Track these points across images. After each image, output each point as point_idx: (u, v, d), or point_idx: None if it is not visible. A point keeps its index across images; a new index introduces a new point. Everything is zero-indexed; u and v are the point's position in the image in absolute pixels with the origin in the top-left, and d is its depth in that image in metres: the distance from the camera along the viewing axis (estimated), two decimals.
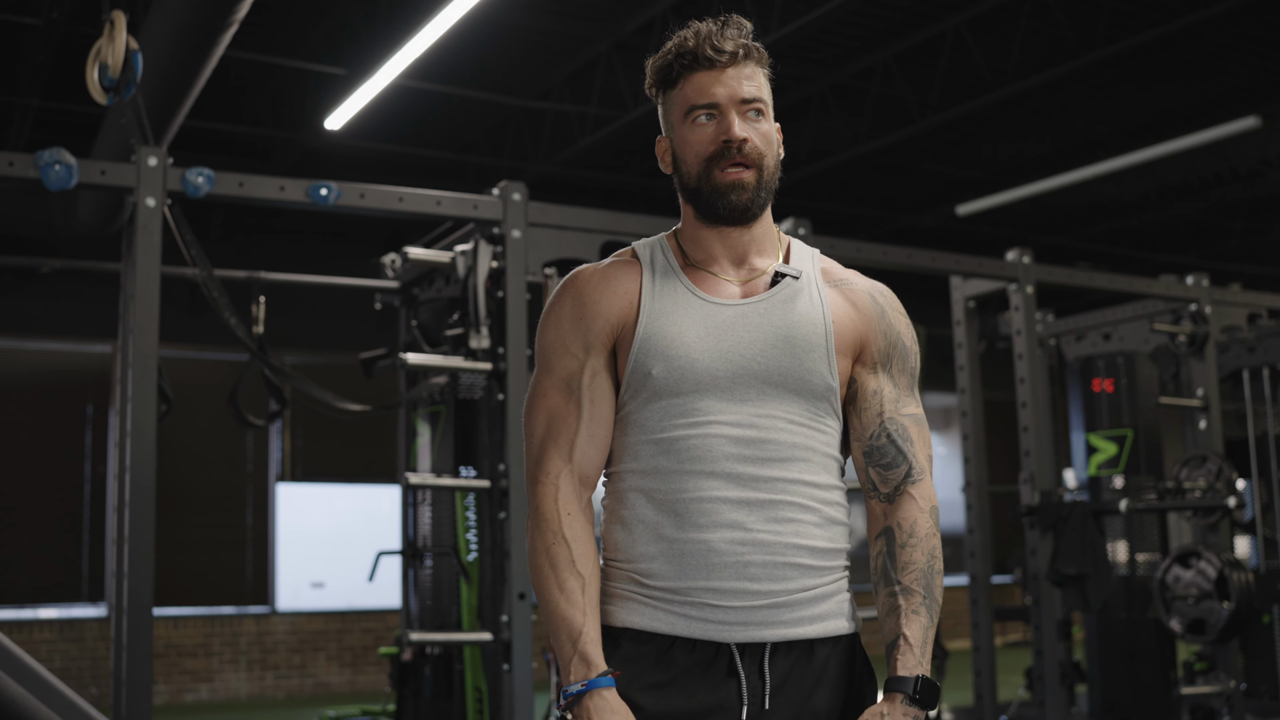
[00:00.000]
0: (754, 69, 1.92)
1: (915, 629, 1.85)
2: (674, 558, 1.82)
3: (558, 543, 1.84)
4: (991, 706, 5.69)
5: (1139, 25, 7.68)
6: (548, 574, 1.84)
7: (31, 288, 9.95)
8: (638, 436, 1.88)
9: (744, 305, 1.90)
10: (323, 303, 10.10)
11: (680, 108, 1.93)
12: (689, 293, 1.91)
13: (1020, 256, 5.76)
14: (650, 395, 1.87)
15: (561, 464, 1.88)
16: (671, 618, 1.82)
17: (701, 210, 1.93)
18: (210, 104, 8.00)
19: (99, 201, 6.83)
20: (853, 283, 2.01)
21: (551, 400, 1.91)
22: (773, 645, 1.82)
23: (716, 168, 1.88)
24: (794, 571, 1.83)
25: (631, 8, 7.76)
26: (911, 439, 1.95)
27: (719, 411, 1.84)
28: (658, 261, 1.96)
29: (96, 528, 10.26)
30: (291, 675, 10.66)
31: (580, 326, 1.91)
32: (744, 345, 1.87)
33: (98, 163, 4.01)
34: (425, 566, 4.88)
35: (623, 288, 1.92)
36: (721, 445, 1.83)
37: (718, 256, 1.95)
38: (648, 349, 1.86)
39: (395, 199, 4.40)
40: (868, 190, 11.54)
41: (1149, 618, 6.17)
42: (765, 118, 1.92)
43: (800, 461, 1.86)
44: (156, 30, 5.40)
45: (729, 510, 1.82)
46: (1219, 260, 13.65)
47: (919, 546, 1.90)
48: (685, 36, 1.92)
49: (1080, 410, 6.73)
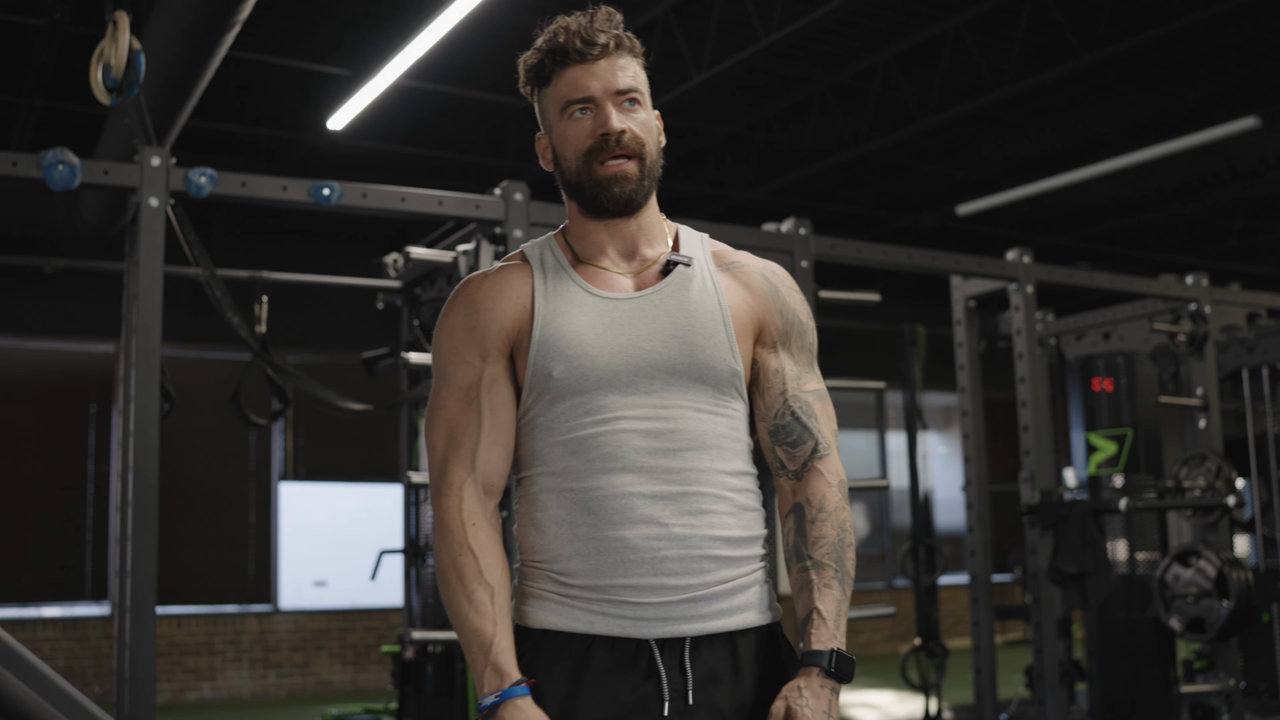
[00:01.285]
0: (627, 59, 1.91)
1: (828, 603, 1.84)
2: (590, 556, 1.81)
3: (464, 554, 1.83)
4: (992, 705, 5.70)
5: (1139, 26, 7.69)
6: (455, 586, 1.82)
7: (35, 287, 9.98)
8: (546, 439, 1.86)
9: (639, 298, 1.89)
10: (325, 302, 10.13)
11: (556, 104, 1.91)
12: (581, 290, 1.90)
13: (1020, 256, 5.77)
14: (554, 396, 1.85)
15: (464, 474, 1.87)
16: (590, 616, 1.81)
17: (585, 205, 1.92)
18: (213, 104, 8.02)
19: (102, 201, 6.85)
20: (745, 265, 2.00)
21: (451, 411, 1.89)
22: (693, 639, 1.81)
23: (596, 161, 1.87)
24: (711, 564, 1.82)
25: (633, 8, 7.77)
26: (816, 415, 1.95)
27: (624, 407, 1.83)
28: (547, 261, 1.94)
29: (100, 526, 10.28)
30: (294, 673, 10.68)
31: (474, 335, 1.89)
32: (643, 338, 1.86)
33: (101, 163, 4.01)
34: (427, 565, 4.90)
35: (514, 292, 1.91)
36: (631, 440, 1.82)
37: (606, 250, 1.94)
38: (546, 350, 1.85)
39: (397, 199, 4.41)
40: (868, 190, 11.55)
41: (1149, 616, 6.18)
42: (643, 106, 1.91)
43: (711, 449, 1.85)
44: (159, 31, 5.42)
45: (644, 505, 1.80)
46: (1218, 260, 13.66)
47: (828, 521, 1.89)
48: (555, 32, 1.90)
49: (1080, 409, 6.73)
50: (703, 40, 7.86)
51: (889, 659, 11.66)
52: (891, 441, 14.17)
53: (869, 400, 13.91)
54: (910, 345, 7.08)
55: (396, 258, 4.90)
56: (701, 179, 10.87)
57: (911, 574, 6.99)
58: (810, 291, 4.91)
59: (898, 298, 12.16)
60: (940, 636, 6.71)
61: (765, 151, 10.44)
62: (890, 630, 13.62)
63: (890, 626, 13.56)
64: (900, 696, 9.54)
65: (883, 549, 14.23)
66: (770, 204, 11.09)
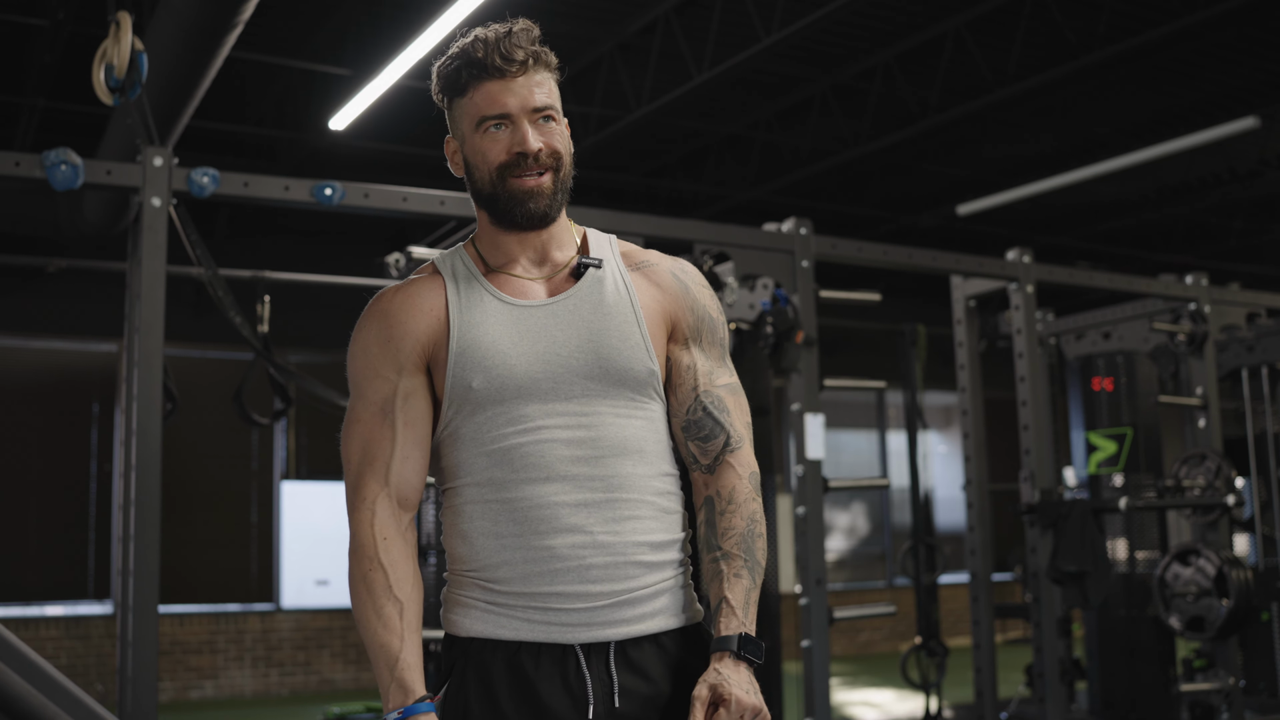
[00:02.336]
0: (544, 75, 1.91)
1: (737, 592, 1.87)
2: (517, 564, 1.82)
3: (374, 569, 1.82)
4: (992, 703, 5.71)
5: (1138, 26, 7.70)
6: (365, 601, 1.81)
7: (38, 287, 10.00)
8: (470, 450, 1.87)
9: (552, 304, 1.90)
10: (327, 302, 10.12)
11: (471, 117, 1.91)
12: (495, 299, 1.90)
13: (1020, 256, 5.78)
14: (474, 407, 1.85)
15: (378, 488, 1.86)
16: (516, 623, 1.82)
17: (498, 217, 1.93)
18: (215, 104, 8.04)
19: (105, 201, 6.85)
20: (654, 263, 2.01)
21: (366, 426, 1.89)
22: (617, 644, 1.83)
23: (511, 175, 1.88)
24: (634, 569, 1.84)
25: (634, 9, 7.79)
26: (728, 409, 1.96)
27: (545, 415, 1.84)
28: (459, 271, 1.94)
29: (102, 525, 10.30)
30: (296, 672, 10.70)
31: (389, 349, 1.89)
32: (559, 344, 1.87)
33: (103, 163, 4.02)
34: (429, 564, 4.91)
35: (427, 304, 1.90)
36: (555, 449, 1.83)
37: (518, 258, 1.94)
38: (464, 362, 1.85)
39: (399, 199, 4.42)
40: (869, 190, 11.57)
41: (1148, 615, 6.19)
42: (557, 120, 1.92)
43: (634, 454, 1.87)
44: (162, 31, 5.43)
45: (569, 514, 1.82)
46: (1218, 259, 13.67)
47: (738, 512, 1.91)
48: (474, 44, 1.90)
49: (1080, 409, 6.75)
50: (704, 41, 7.88)
51: (890, 657, 11.69)
52: (892, 441, 14.19)
53: (870, 400, 13.93)
54: (911, 345, 7.09)
55: (398, 257, 4.91)
56: (703, 179, 10.89)
57: (912, 573, 7.00)
58: (811, 291, 4.93)
59: (898, 297, 12.18)
60: (941, 635, 6.72)
61: (766, 151, 10.45)
62: (891, 629, 13.64)
63: (891, 625, 13.58)
64: (901, 695, 9.56)
65: (883, 548, 14.25)
66: (771, 204, 11.11)
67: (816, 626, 4.71)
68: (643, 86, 8.50)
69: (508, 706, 1.80)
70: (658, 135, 9.88)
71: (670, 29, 7.92)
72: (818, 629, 4.71)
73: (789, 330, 4.74)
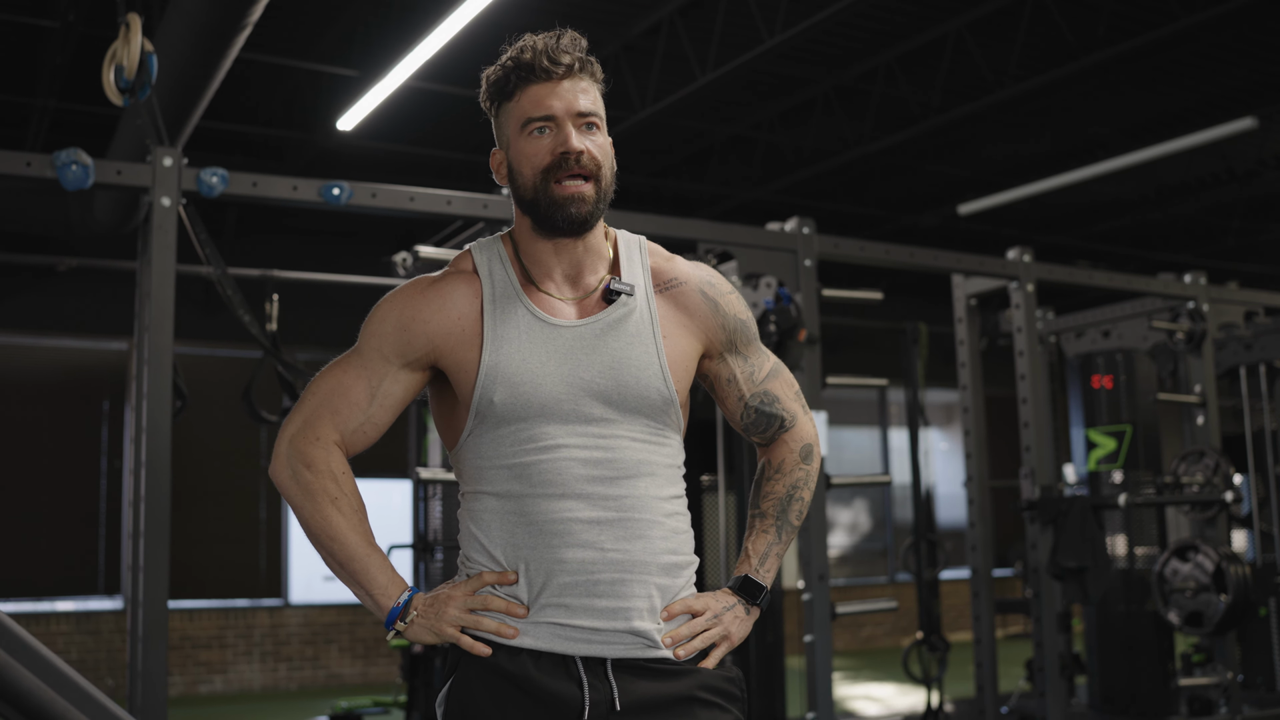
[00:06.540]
0: (589, 83, 1.95)
1: (759, 544, 2.04)
2: (528, 575, 1.86)
3: (332, 480, 1.91)
4: (992, 698, 5.75)
5: (1138, 28, 7.74)
6: (324, 503, 1.90)
7: (49, 286, 10.06)
8: (490, 461, 1.91)
9: (580, 326, 1.92)
10: (335, 300, 10.15)
11: (517, 120, 1.93)
12: (530, 315, 1.92)
13: (1021, 255, 5.81)
14: (497, 421, 1.89)
15: (335, 435, 1.93)
16: (522, 627, 1.87)
17: (539, 222, 1.93)
18: (224, 105, 8.09)
19: (115, 201, 6.89)
20: (682, 283, 2.02)
21: (350, 379, 1.94)
22: (615, 661, 1.86)
23: (553, 179, 1.89)
24: (641, 588, 1.87)
25: (639, 10, 7.83)
26: (777, 397, 2.09)
27: (565, 435, 1.87)
28: (496, 277, 1.95)
29: (113, 522, 10.37)
30: (304, 667, 10.76)
31: (402, 338, 1.93)
32: (583, 368, 1.89)
33: (114, 163, 4.03)
34: (436, 560, 4.98)
35: (457, 310, 1.94)
36: (572, 468, 1.86)
37: (553, 273, 1.96)
38: (494, 377, 1.88)
39: (406, 198, 4.42)
40: (870, 190, 11.59)
41: (1147, 610, 6.22)
42: (600, 131, 1.93)
43: (646, 477, 1.90)
44: (171, 32, 5.44)
45: (582, 530, 1.85)
46: (1216, 259, 13.69)
47: (781, 480, 2.08)
48: (522, 49, 1.94)
49: (1080, 406, 6.78)
50: (708, 42, 7.92)
51: (891, 652, 11.72)
52: (894, 438, 14.20)
53: (871, 397, 13.95)
54: (912, 343, 7.13)
55: (405, 256, 4.96)
56: (706, 179, 10.93)
57: (913, 569, 7.04)
58: (814, 290, 4.98)
59: (900, 296, 12.24)
60: (942, 630, 6.76)
61: (769, 152, 10.49)
62: (893, 624, 13.69)
63: (892, 620, 13.62)
64: (902, 689, 9.60)
65: (885, 544, 14.29)
66: (774, 203, 11.15)
67: (819, 621, 4.75)
68: (647, 87, 8.54)
69: (509, 704, 1.85)
70: (662, 136, 9.92)
71: (674, 31, 7.96)
72: (820, 624, 4.75)
73: (792, 328, 4.77)
